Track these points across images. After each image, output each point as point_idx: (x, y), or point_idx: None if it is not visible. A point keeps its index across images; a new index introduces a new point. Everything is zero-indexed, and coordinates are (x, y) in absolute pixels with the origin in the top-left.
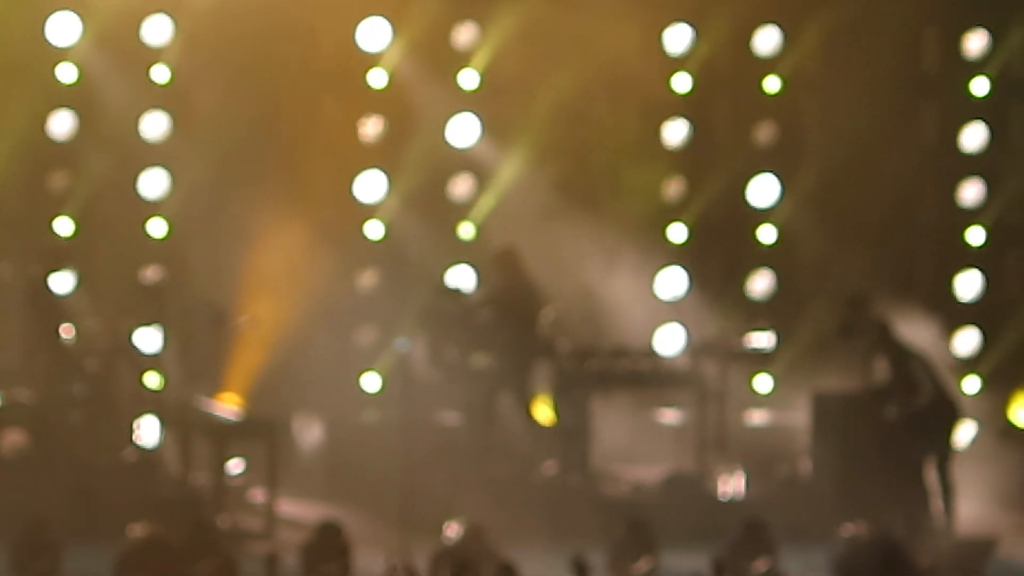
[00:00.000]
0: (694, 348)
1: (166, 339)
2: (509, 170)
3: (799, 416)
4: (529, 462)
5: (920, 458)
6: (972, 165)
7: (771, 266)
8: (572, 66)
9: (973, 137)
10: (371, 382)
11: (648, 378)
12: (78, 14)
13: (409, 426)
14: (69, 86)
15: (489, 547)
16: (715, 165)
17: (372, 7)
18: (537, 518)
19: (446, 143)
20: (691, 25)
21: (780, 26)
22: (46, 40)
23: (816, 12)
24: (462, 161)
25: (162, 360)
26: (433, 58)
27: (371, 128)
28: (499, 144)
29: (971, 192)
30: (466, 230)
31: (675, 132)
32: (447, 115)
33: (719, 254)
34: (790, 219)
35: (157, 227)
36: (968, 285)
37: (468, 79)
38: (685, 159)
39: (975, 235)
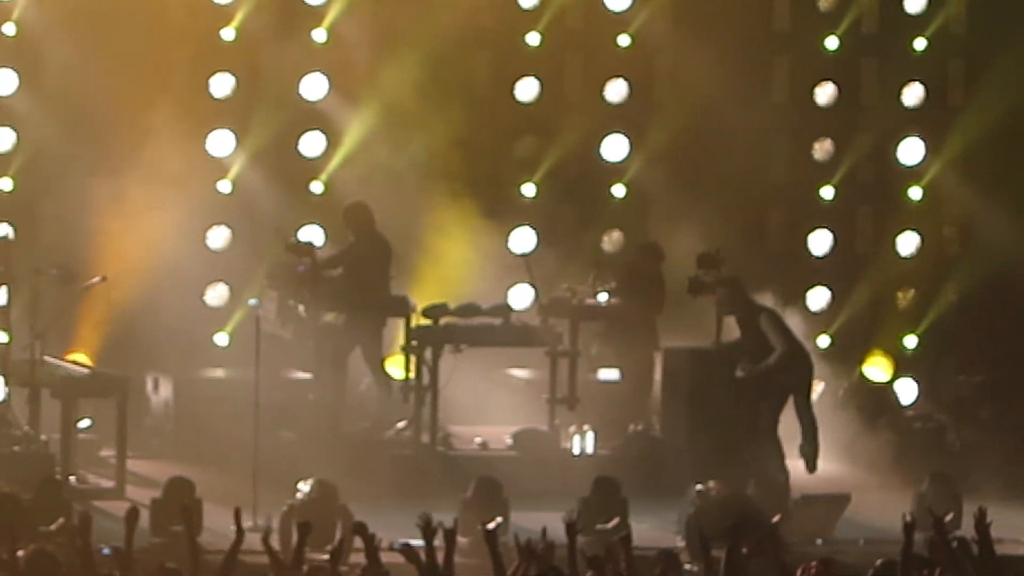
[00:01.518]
0: (544, 305)
1: (11, 296)
2: (359, 127)
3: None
4: (380, 419)
5: (772, 414)
6: (825, 122)
7: (622, 224)
8: (424, 22)
9: (825, 94)
10: (221, 339)
11: (499, 335)
12: None
13: (259, 383)
14: None
15: (339, 505)
16: (568, 122)
17: None
18: (387, 476)
19: (297, 98)
20: None
21: None
22: None
23: None
24: (312, 117)
25: (8, 317)
26: (283, 13)
27: (221, 83)
28: (349, 100)
29: (823, 149)
30: (316, 187)
31: (527, 88)
32: (298, 71)
33: (570, 211)
34: (641, 176)
35: (3, 184)
36: (820, 242)
37: (318, 34)
38: (538, 116)
39: (827, 192)
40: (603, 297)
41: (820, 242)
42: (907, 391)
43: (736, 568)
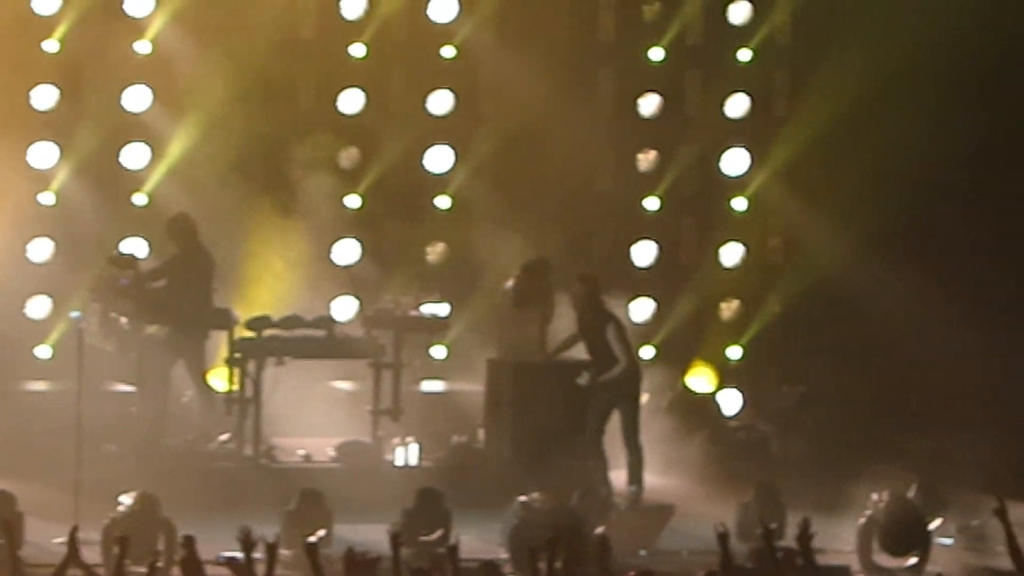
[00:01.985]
0: (368, 317)
1: None
2: (183, 139)
3: (474, 384)
4: (203, 432)
5: (598, 426)
6: (649, 133)
7: (446, 235)
8: (248, 33)
9: (650, 105)
10: (43, 352)
11: (322, 347)
12: None
13: (82, 396)
14: None
15: (161, 517)
16: (392, 134)
17: None
18: (210, 488)
19: (120, 110)
20: None
21: None
22: None
23: None
24: (136, 128)
25: None
26: (106, 26)
27: (44, 95)
28: (172, 112)
29: (648, 160)
30: (139, 199)
31: (351, 100)
32: (121, 82)
33: (395, 223)
34: (466, 187)
35: None
36: (644, 253)
37: (142, 46)
38: (362, 127)
39: (651, 203)
40: (426, 308)
41: (644, 253)
42: (731, 402)
43: None
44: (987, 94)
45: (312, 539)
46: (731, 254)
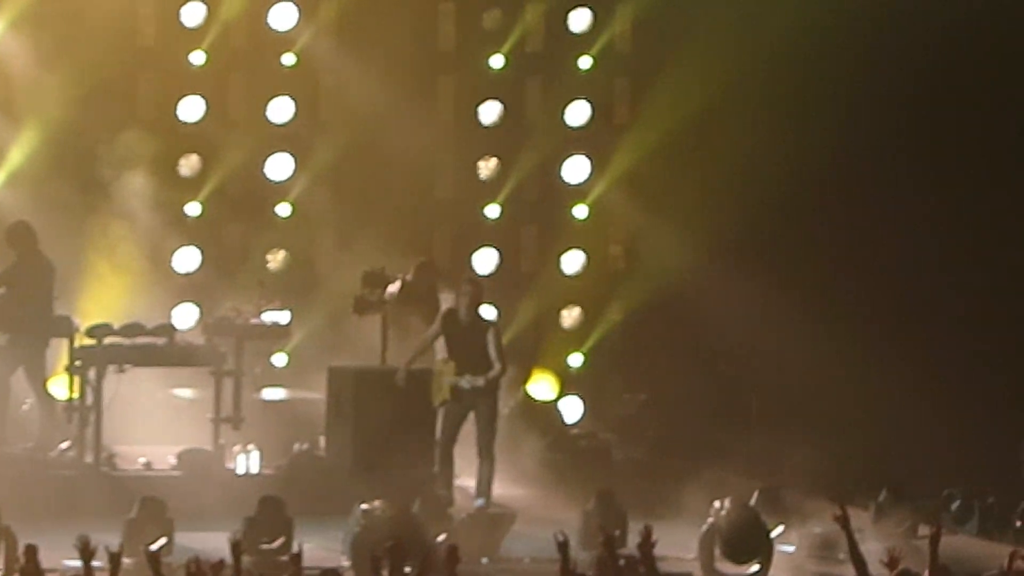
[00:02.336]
0: (208, 324)
1: None
2: (22, 146)
3: (315, 392)
4: (43, 440)
5: (454, 432)
6: (489, 140)
7: (287, 243)
8: (88, 41)
9: (490, 112)
10: None
11: (163, 355)
12: None
13: None
14: None
15: (2, 525)
16: (232, 141)
17: None
18: (51, 496)
19: None
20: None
21: (295, 1)
22: None
23: None
24: None
25: None
26: None
27: None
28: (11, 120)
29: (488, 168)
30: None
31: (192, 108)
32: None
33: (235, 230)
34: (306, 195)
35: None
36: (485, 261)
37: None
38: (202, 135)
39: (491, 211)
40: (267, 316)
41: (485, 260)
42: (572, 409)
43: None
44: (828, 101)
45: (153, 547)
46: (572, 261)
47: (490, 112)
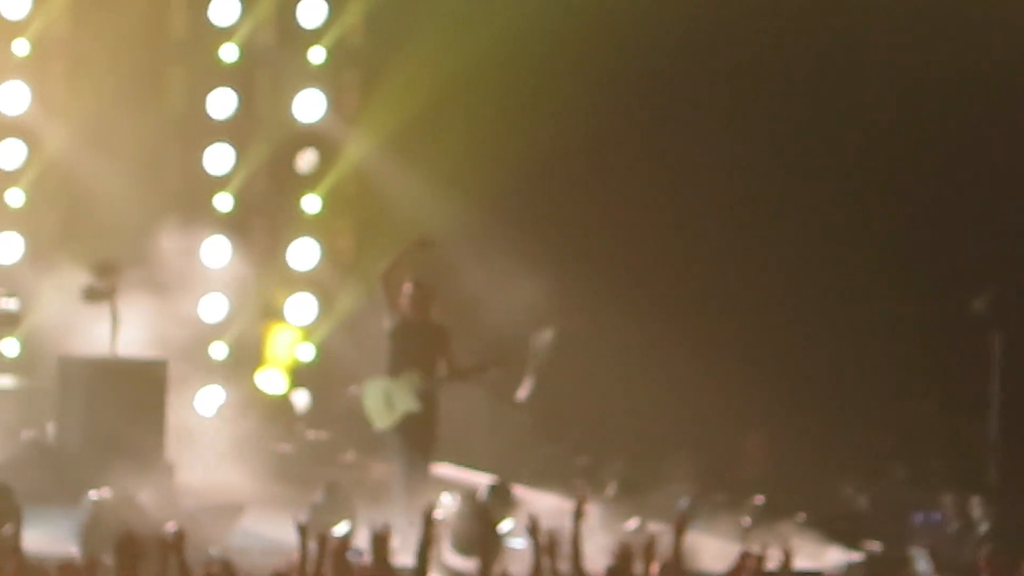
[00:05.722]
0: None
1: None
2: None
3: (44, 380)
4: None
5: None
6: (220, 131)
7: (16, 229)
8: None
9: (221, 103)
10: None
11: None
12: None
13: None
14: None
15: None
16: None
17: None
18: None
19: None
20: None
21: None
22: None
23: None
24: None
25: None
26: None
27: None
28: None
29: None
30: None
31: None
32: None
33: None
34: (35, 183)
35: None
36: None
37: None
38: None
39: (222, 201)
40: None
41: (216, 251)
42: (302, 401)
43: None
44: (556, 96)
45: None
46: (304, 252)
47: (221, 102)
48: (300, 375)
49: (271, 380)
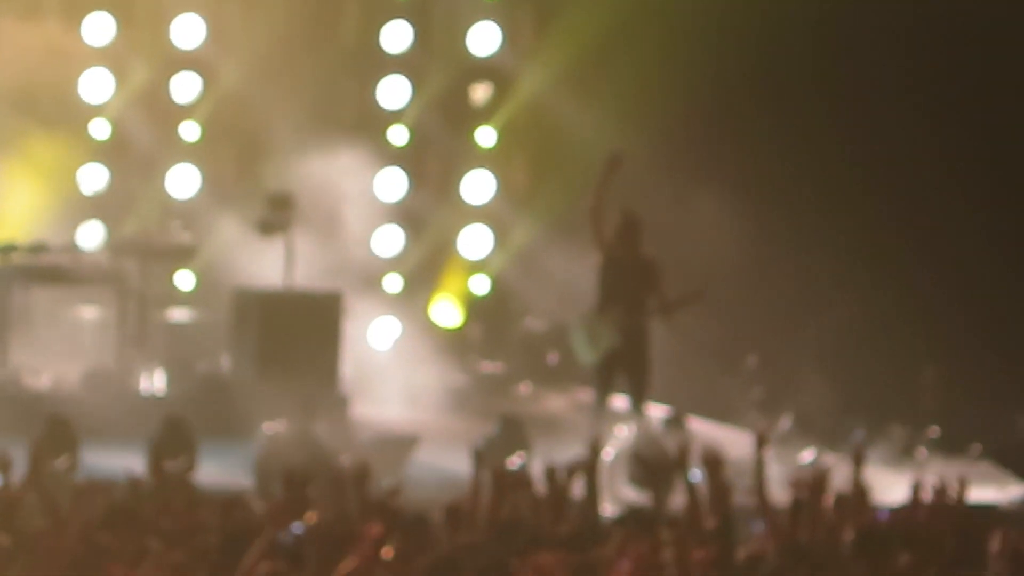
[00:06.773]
0: (114, 244)
1: None
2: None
3: (219, 313)
4: None
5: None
6: (395, 64)
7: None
8: None
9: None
10: None
11: (69, 273)
12: None
13: None
14: None
15: None
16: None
17: None
18: None
19: None
20: None
21: None
22: None
23: None
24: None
25: None
26: None
27: None
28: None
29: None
30: None
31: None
32: None
33: (142, 151)
34: (212, 118)
35: None
36: (392, 184)
37: None
38: None
39: (397, 135)
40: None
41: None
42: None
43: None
44: (726, 26)
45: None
46: (479, 184)
47: (396, 35)
48: (475, 308)
49: (446, 313)
